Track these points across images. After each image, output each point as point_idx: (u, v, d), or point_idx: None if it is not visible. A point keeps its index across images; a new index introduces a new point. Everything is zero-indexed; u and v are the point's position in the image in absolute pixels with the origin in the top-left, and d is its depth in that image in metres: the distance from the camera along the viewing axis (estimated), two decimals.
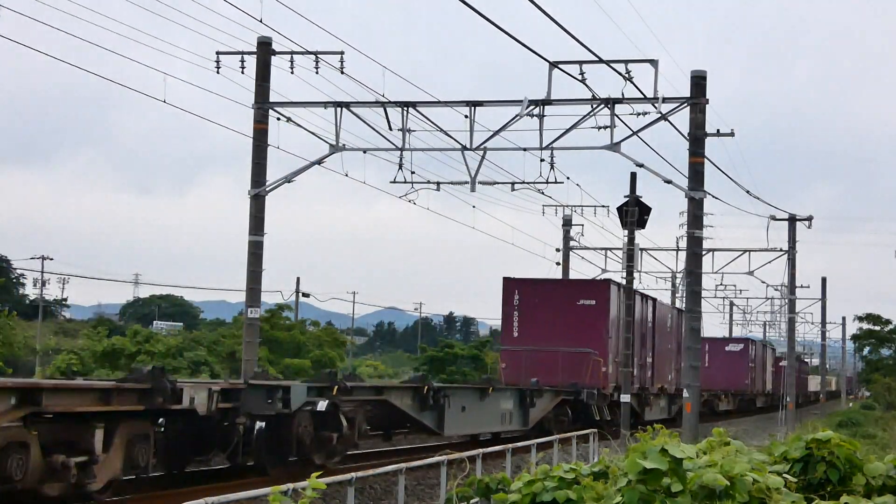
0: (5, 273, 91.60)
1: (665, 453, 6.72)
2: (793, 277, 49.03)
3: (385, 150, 26.78)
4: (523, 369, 32.32)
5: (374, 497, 17.66)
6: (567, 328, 33.18)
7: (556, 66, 24.62)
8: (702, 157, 25.83)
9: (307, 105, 26.95)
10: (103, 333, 62.35)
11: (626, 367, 34.52)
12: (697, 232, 26.78)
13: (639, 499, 6.66)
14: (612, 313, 33.77)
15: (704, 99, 25.63)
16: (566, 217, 45.10)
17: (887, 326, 79.50)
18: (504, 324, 34.39)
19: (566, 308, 33.62)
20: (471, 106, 25.77)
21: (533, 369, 32.23)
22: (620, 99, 25.09)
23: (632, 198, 33.78)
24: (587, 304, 33.61)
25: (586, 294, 34.10)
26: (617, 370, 33.76)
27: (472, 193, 27.45)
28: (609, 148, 25.18)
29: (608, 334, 33.46)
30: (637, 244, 35.98)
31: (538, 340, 33.10)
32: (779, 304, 70.32)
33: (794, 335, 53.44)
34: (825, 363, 75.83)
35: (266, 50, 26.80)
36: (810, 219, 47.12)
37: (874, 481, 7.74)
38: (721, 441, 8.15)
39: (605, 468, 7.83)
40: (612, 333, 33.67)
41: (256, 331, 27.49)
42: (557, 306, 33.61)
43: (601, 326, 33.53)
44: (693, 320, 26.84)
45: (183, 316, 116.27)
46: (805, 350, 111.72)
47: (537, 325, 33.53)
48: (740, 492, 6.61)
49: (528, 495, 7.38)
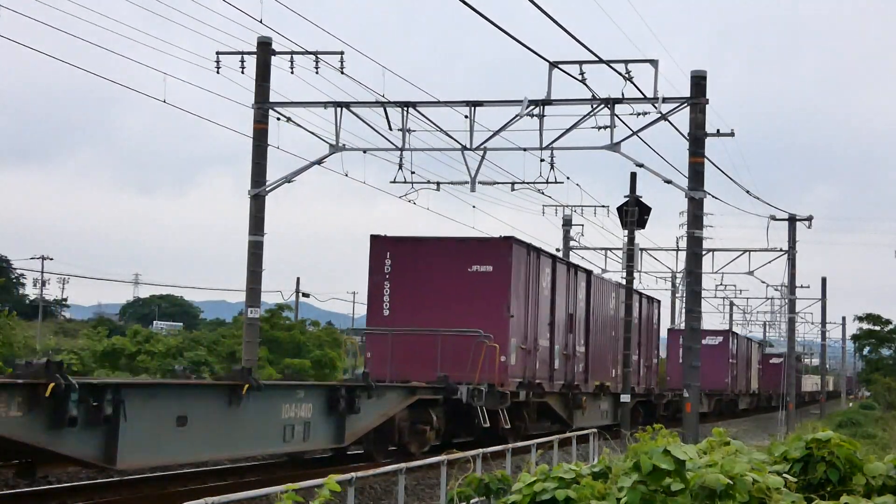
0: (5, 273, 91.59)
1: (667, 454, 6.73)
2: (793, 277, 49.06)
3: (385, 150, 26.79)
4: (395, 360, 24.82)
5: (374, 497, 17.67)
6: (455, 303, 25.34)
7: (556, 66, 24.63)
8: (702, 157, 25.83)
9: (307, 105, 26.96)
10: (103, 333, 62.36)
11: (626, 368, 34.53)
12: (697, 232, 26.79)
13: (640, 499, 6.66)
14: (515, 283, 25.75)
15: (704, 99, 25.63)
16: (566, 217, 45.10)
17: (887, 326, 79.54)
18: (371, 298, 26.10)
19: (454, 276, 25.54)
20: (471, 106, 25.77)
21: (408, 360, 24.90)
22: (620, 99, 25.09)
23: (632, 198, 33.81)
24: (482, 270, 25.43)
25: (481, 257, 25.55)
26: (527, 360, 26.63)
27: (472, 193, 27.46)
28: (609, 148, 25.19)
29: (509, 311, 25.29)
30: (637, 244, 36.03)
31: (416, 320, 25.33)
32: (779, 304, 70.39)
33: (794, 335, 53.46)
34: (825, 363, 75.71)
35: (266, 50, 26.80)
36: (810, 219, 47.16)
37: (874, 481, 7.75)
38: (721, 441, 8.17)
39: (605, 468, 7.84)
40: (515, 310, 25.71)
41: (256, 331, 27.50)
42: (443, 274, 25.68)
43: (500, 301, 25.31)
44: (693, 320, 26.84)
45: (183, 316, 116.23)
46: (805, 350, 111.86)
47: (415, 300, 25.68)
48: (740, 492, 6.62)
49: (529, 495, 7.39)
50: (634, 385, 36.76)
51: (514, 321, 25.64)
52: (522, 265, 26.26)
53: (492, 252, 25.65)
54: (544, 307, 28.06)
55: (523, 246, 26.58)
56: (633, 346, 35.87)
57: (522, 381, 26.39)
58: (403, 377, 23.86)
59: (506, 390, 24.87)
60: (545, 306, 28.12)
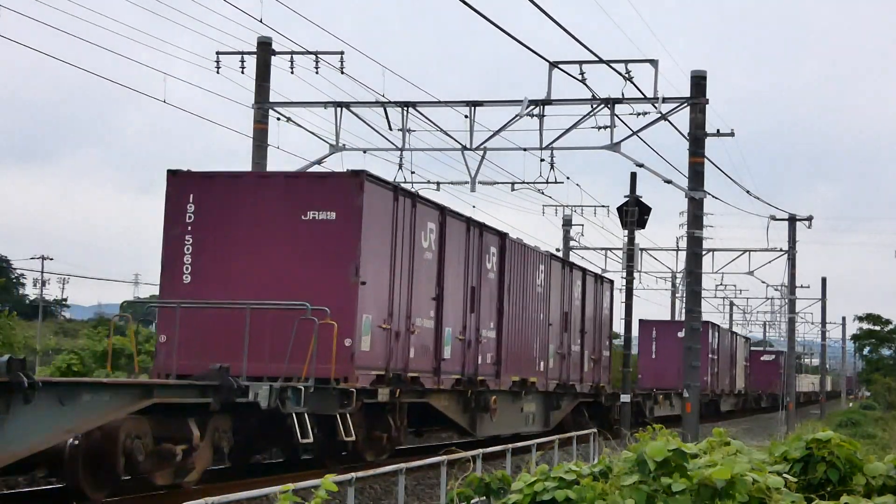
0: (5, 273, 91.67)
1: (672, 451, 6.73)
2: (793, 277, 49.09)
3: (385, 150, 26.81)
4: (201, 344, 17.86)
5: (374, 497, 17.68)
6: (284, 264, 18.26)
7: (556, 66, 24.64)
8: (702, 157, 25.85)
9: (307, 105, 26.98)
10: (103, 333, 62.38)
11: (626, 368, 34.50)
12: (697, 232, 26.80)
13: (642, 498, 6.67)
14: (370, 236, 18.36)
15: (704, 99, 25.65)
16: (566, 217, 45.13)
17: (887, 326, 79.65)
18: (167, 260, 18.86)
19: (283, 226, 18.43)
20: (471, 106, 25.78)
21: (222, 345, 17.64)
22: (620, 99, 25.11)
23: (632, 198, 33.86)
24: (322, 218, 18.25)
25: (321, 200, 18.35)
26: (393, 345, 19.23)
27: (472, 193, 27.48)
28: (609, 148, 25.20)
29: (358, 276, 17.94)
30: (637, 244, 36.10)
31: (231, 289, 18.23)
32: (779, 304, 70.35)
33: (794, 335, 53.48)
34: (825, 363, 75.74)
35: (266, 50, 26.82)
36: (810, 219, 47.20)
37: (874, 481, 7.75)
38: (721, 441, 8.17)
39: (605, 468, 7.84)
40: (371, 275, 18.34)
41: None
42: (267, 223, 18.52)
43: (345, 261, 17.98)
44: (693, 320, 26.86)
45: None
46: (805, 350, 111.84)
47: (227, 260, 18.60)
48: (740, 491, 6.62)
49: (529, 495, 7.40)
50: (576, 382, 30.59)
51: (369, 290, 18.24)
52: (383, 213, 18.90)
53: (335, 192, 18.35)
54: (426, 275, 20.51)
55: (386, 187, 19.14)
56: (573, 333, 30.25)
57: (385, 375, 18.90)
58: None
59: (351, 387, 17.49)
60: (428, 274, 20.61)
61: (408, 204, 19.92)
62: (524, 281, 26.18)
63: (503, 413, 24.79)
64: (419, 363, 20.44)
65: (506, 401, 25.19)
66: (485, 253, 23.56)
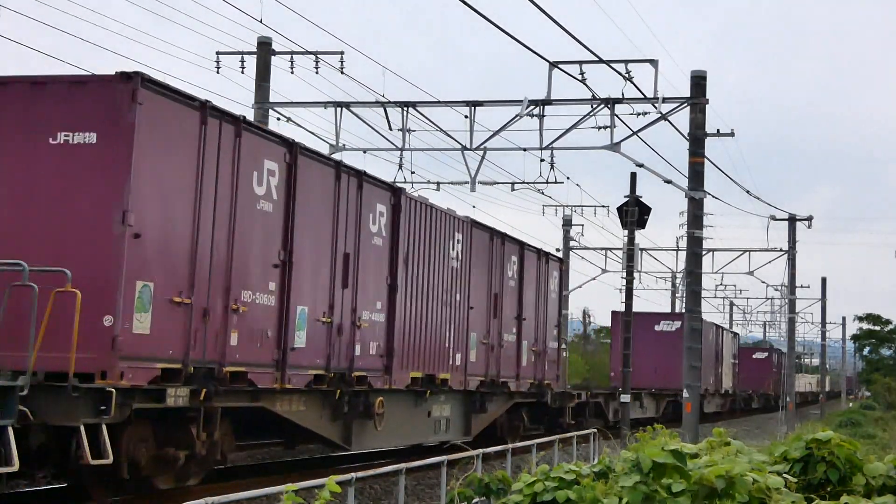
0: None
1: (670, 452, 6.74)
2: (793, 277, 49.07)
3: (385, 150, 26.80)
4: None
5: (374, 497, 17.68)
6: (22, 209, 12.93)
7: (556, 66, 24.63)
8: (702, 157, 25.84)
9: (307, 105, 26.98)
10: None
11: (626, 368, 34.46)
12: (697, 232, 26.79)
13: (641, 498, 6.67)
14: (149, 167, 12.93)
15: (704, 99, 25.63)
16: (566, 217, 45.17)
17: (887, 326, 79.71)
18: None
19: (22, 154, 13.04)
20: (471, 106, 25.77)
21: None
22: (620, 99, 25.09)
23: (632, 198, 33.84)
24: (77, 141, 12.82)
25: (74, 116, 12.89)
26: (197, 326, 13.66)
27: (472, 193, 27.53)
28: (609, 148, 25.19)
29: (126, 222, 12.45)
30: (637, 244, 36.08)
31: None
32: (779, 304, 70.37)
33: (794, 335, 53.47)
34: (825, 363, 75.74)
35: (266, 50, 26.82)
36: (810, 219, 47.18)
37: (874, 481, 7.76)
38: (721, 441, 8.18)
39: (605, 468, 7.85)
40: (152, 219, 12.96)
41: None
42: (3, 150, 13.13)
43: (107, 201, 12.59)
44: (693, 320, 26.85)
45: None
46: (805, 350, 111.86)
47: None
48: (740, 492, 6.62)
49: (529, 495, 7.41)
50: (510, 379, 25.12)
51: (149, 246, 12.94)
52: (180, 136, 13.51)
53: (97, 105, 12.87)
54: (263, 232, 15.28)
55: (189, 103, 13.69)
56: (505, 320, 24.84)
57: (182, 370, 13.50)
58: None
59: (110, 385, 12.13)
60: (267, 231, 15.37)
61: (223, 127, 14.26)
62: (432, 251, 21.00)
63: (396, 419, 19.70)
64: (248, 354, 14.87)
65: (401, 404, 20.00)
66: (368, 210, 18.35)
